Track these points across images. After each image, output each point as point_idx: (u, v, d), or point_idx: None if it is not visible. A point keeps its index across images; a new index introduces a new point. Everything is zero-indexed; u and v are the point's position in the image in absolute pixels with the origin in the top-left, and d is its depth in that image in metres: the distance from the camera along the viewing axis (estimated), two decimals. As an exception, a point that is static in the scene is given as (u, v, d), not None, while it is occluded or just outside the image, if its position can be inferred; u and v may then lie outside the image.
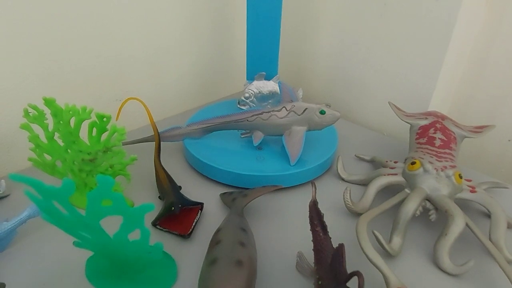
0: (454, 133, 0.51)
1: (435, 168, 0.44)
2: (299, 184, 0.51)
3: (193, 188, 0.50)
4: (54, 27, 0.52)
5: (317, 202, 0.36)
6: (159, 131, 0.50)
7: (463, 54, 0.62)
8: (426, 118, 0.54)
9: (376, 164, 0.56)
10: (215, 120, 0.53)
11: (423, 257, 0.41)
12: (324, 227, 0.34)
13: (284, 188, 0.49)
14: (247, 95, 0.60)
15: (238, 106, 0.61)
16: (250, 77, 0.62)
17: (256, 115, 0.52)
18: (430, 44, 0.59)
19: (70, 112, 0.42)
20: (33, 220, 0.40)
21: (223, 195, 0.48)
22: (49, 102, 0.42)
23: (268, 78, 0.61)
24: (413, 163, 0.46)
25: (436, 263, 0.39)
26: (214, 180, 0.52)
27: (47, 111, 0.43)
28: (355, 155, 0.59)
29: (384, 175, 0.48)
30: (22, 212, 0.40)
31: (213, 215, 0.46)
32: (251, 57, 0.62)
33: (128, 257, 0.34)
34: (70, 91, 0.56)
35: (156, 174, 0.48)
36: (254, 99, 0.61)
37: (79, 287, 0.36)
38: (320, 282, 0.31)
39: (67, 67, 0.55)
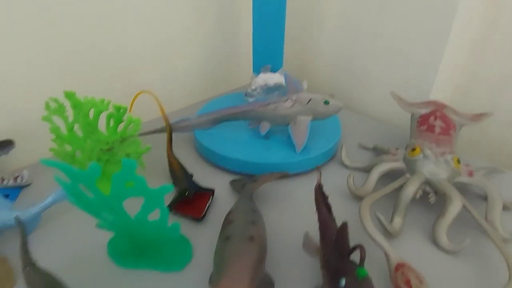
0: (453, 120, 0.53)
1: (434, 154, 0.47)
2: (305, 171, 0.53)
3: (204, 176, 0.52)
4: (68, 26, 0.54)
5: (322, 186, 0.38)
6: (170, 123, 0.52)
7: (463, 43, 0.63)
8: (427, 107, 0.56)
9: (378, 152, 0.58)
10: (224, 111, 0.56)
11: (422, 237, 0.43)
12: (329, 207, 0.37)
13: (290, 175, 0.51)
14: (253, 87, 0.62)
15: (245, 98, 0.63)
16: (257, 70, 0.64)
17: (263, 106, 0.54)
18: (431, 34, 0.61)
19: (89, 104, 0.44)
20: (57, 205, 0.43)
21: (233, 182, 0.51)
22: (69, 95, 0.44)
23: (273, 70, 0.63)
24: (413, 149, 0.48)
25: (435, 241, 0.42)
26: (224, 169, 0.54)
27: (67, 104, 0.46)
28: (358, 144, 0.61)
29: (386, 161, 0.50)
30: (46, 198, 0.43)
31: (223, 201, 0.48)
32: (257, 51, 0.64)
33: (148, 236, 0.37)
34: (85, 85, 0.59)
35: (168, 162, 0.50)
36: (261, 91, 0.63)
37: (102, 265, 0.39)
38: (325, 257, 0.33)
39: (82, 62, 0.58)
